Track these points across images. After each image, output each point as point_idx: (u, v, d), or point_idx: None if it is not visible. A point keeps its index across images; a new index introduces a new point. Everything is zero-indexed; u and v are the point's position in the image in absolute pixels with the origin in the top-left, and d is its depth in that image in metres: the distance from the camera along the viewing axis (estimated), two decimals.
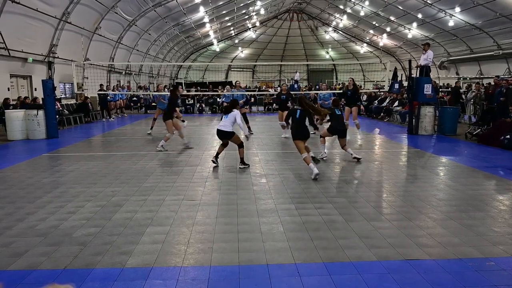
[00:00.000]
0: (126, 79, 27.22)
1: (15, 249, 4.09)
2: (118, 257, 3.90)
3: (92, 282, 3.44)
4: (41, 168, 8.10)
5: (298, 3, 36.35)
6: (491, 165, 8.34)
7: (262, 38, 41.54)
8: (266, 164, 8.43)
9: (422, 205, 5.55)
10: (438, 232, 4.53)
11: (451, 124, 13.17)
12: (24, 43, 15.19)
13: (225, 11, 28.31)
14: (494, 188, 6.53)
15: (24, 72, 16.09)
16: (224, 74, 42.75)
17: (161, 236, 4.42)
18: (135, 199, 5.82)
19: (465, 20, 22.69)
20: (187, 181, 6.91)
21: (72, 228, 4.67)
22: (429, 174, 7.52)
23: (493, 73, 24.57)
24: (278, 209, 5.37)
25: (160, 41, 29.31)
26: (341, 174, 7.56)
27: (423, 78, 13.23)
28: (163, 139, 10.11)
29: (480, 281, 3.45)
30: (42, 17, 15.47)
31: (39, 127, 12.40)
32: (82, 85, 20.24)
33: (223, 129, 8.01)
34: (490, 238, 4.35)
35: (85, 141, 12.45)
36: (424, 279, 3.47)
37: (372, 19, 30.27)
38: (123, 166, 8.23)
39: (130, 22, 22.41)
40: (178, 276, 3.54)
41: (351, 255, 3.91)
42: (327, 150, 9.19)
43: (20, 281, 3.45)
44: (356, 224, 4.77)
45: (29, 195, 6.09)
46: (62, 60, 17.81)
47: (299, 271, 3.61)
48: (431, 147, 10.96)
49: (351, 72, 39.73)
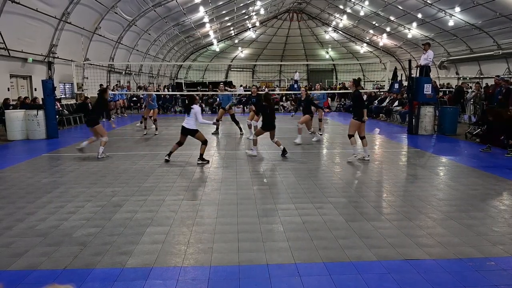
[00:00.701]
0: (126, 79, 27.21)
1: (15, 249, 4.09)
2: (118, 257, 3.90)
3: (92, 282, 3.44)
4: (41, 168, 8.09)
5: (298, 3, 36.34)
6: (491, 165, 8.34)
7: (262, 38, 41.51)
8: (266, 164, 8.43)
9: (422, 205, 5.55)
10: (438, 232, 4.54)
11: (451, 124, 13.17)
12: (24, 43, 15.18)
13: (225, 11, 28.29)
14: (494, 188, 6.52)
15: (24, 72, 16.07)
16: (224, 74, 42.74)
17: (161, 236, 4.42)
18: (135, 199, 5.82)
19: (465, 20, 22.68)
20: (187, 181, 6.91)
21: (72, 228, 4.67)
22: (429, 174, 7.52)
23: (493, 73, 24.55)
24: (278, 209, 5.37)
25: (160, 41, 29.30)
26: (341, 174, 7.56)
27: (423, 78, 13.23)
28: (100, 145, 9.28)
29: (480, 281, 3.45)
30: (42, 17, 15.46)
31: (39, 127, 12.40)
32: (82, 85, 20.23)
33: (187, 126, 8.42)
34: (490, 238, 4.35)
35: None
36: (424, 279, 3.47)
37: (372, 19, 30.25)
38: (123, 166, 8.23)
39: (130, 22, 22.40)
40: (178, 276, 3.54)
41: (351, 255, 3.91)
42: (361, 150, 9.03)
43: (20, 281, 3.45)
44: (356, 224, 4.77)
45: (29, 195, 6.09)
46: (62, 60, 17.80)
47: (299, 271, 3.61)
48: (431, 147, 10.96)
49: (351, 72, 39.75)
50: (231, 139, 12.38)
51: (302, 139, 11.18)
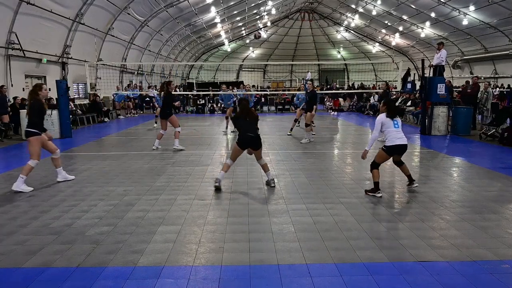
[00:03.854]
0: (138, 79, 27.45)
1: (30, 247, 4.15)
2: (130, 255, 3.93)
3: (104, 280, 3.47)
4: (55, 167, 8.18)
5: (309, 2, 36.25)
6: (506, 166, 8.20)
7: (273, 38, 41.52)
8: (277, 164, 8.42)
9: (435, 206, 5.48)
10: (452, 233, 4.47)
11: (464, 124, 12.99)
12: (38, 44, 15.43)
13: (236, 11, 28.36)
14: (509, 189, 6.41)
15: (39, 73, 16.34)
16: (235, 74, 42.83)
17: (173, 235, 4.44)
18: (147, 199, 5.87)
19: (480, 19, 22.36)
20: (198, 181, 6.94)
21: (85, 226, 4.73)
22: (442, 175, 7.43)
23: (509, 72, 24.15)
24: (289, 209, 5.36)
25: (172, 42, 29.51)
26: (353, 175, 7.51)
27: (437, 77, 13.07)
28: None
29: (494, 283, 3.39)
30: (56, 18, 15.70)
31: (53, 126, 12.56)
32: (95, 85, 20.47)
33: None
34: (505, 240, 4.28)
35: (97, 140, 12.59)
36: (437, 281, 3.42)
37: (384, 18, 30.02)
38: (135, 165, 8.30)
39: (142, 23, 22.60)
40: (190, 275, 3.55)
41: (363, 256, 3.88)
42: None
43: (35, 279, 3.50)
44: (368, 225, 4.73)
45: (43, 193, 6.18)
46: (75, 60, 18.04)
47: (310, 271, 3.59)
48: (444, 148, 10.82)
49: (362, 72, 39.50)
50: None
51: (308, 139, 11.37)
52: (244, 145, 6.37)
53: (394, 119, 5.95)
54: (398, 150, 5.95)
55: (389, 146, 5.90)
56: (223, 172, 6.36)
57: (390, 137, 5.90)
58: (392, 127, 5.90)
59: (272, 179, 6.58)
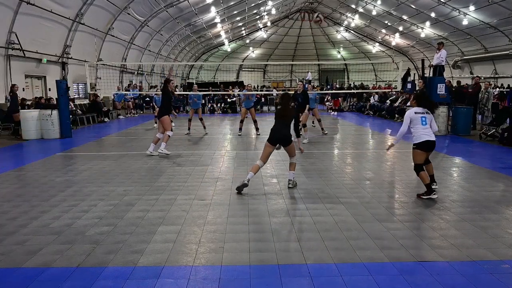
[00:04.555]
0: (138, 79, 27.46)
1: (30, 247, 4.15)
2: (130, 255, 3.93)
3: (104, 280, 3.47)
4: (54, 167, 8.20)
5: (309, 2, 36.24)
6: (506, 166, 8.20)
7: (273, 38, 41.51)
8: (277, 164, 8.42)
9: (435, 206, 5.48)
10: (452, 233, 4.47)
11: (464, 124, 12.98)
12: (38, 44, 15.44)
13: (236, 11, 28.36)
14: (509, 189, 6.41)
15: (39, 73, 16.35)
16: (235, 74, 42.83)
17: (173, 235, 4.44)
18: (147, 199, 5.87)
19: (480, 19, 22.35)
20: (198, 181, 6.94)
21: (85, 226, 4.73)
22: (442, 175, 7.42)
23: (509, 72, 24.15)
24: (289, 209, 5.36)
25: (172, 42, 29.51)
26: (353, 175, 7.51)
27: (436, 77, 13.07)
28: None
29: (494, 283, 3.39)
30: (56, 18, 15.70)
31: (53, 126, 12.58)
32: (95, 85, 20.47)
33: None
34: (505, 240, 4.28)
35: (97, 140, 12.59)
36: (437, 281, 3.42)
37: (384, 18, 30.01)
38: (135, 165, 8.30)
39: (142, 23, 22.60)
40: (190, 275, 3.55)
41: (363, 256, 3.88)
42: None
43: (35, 279, 3.50)
44: (368, 225, 4.73)
45: (43, 193, 6.18)
46: (75, 60, 18.05)
47: (310, 271, 3.59)
48: (444, 148, 10.81)
49: (362, 72, 39.49)
50: (242, 139, 12.38)
51: (308, 139, 11.48)
52: (274, 142, 6.32)
53: (422, 116, 5.88)
54: (426, 146, 5.86)
55: (417, 143, 5.85)
56: (252, 173, 6.25)
57: (417, 134, 5.87)
58: (420, 124, 5.85)
59: (290, 180, 6.47)
